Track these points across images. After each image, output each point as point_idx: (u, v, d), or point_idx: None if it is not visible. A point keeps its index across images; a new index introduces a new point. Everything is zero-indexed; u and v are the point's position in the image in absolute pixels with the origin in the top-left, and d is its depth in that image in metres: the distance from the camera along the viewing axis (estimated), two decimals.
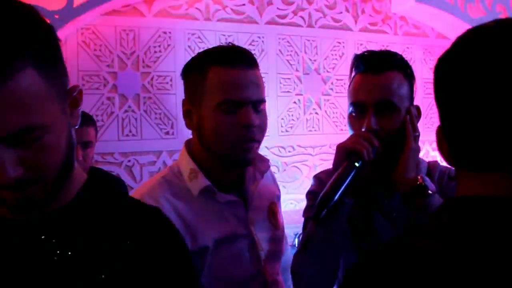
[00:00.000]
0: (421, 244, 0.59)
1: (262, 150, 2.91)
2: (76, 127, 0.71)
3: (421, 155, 1.22)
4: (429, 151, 3.39)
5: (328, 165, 1.17)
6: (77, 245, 0.68)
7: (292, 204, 2.97)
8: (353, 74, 1.18)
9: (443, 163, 1.25)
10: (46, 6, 2.30)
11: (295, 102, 3.01)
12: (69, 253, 0.67)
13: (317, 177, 1.30)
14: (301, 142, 3.04)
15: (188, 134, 2.69)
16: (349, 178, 1.01)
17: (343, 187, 1.01)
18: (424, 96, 3.33)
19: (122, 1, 2.53)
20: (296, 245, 2.63)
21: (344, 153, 1.05)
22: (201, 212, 1.11)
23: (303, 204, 1.29)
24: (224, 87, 1.06)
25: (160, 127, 2.67)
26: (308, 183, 1.35)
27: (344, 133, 3.17)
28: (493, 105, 0.56)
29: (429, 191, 1.05)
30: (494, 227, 0.55)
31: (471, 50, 0.60)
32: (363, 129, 1.10)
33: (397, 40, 3.30)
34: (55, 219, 0.70)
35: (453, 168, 0.65)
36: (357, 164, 1.02)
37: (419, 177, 1.08)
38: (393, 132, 1.10)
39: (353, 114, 1.15)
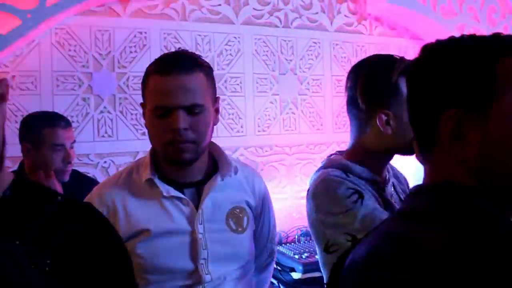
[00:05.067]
0: None
1: (240, 150, 2.92)
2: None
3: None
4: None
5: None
6: (8, 238, 0.67)
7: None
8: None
9: None
10: (18, 5, 2.26)
11: (271, 102, 3.02)
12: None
13: None
14: (278, 141, 3.04)
15: None
16: None
17: None
18: None
19: (96, 1, 2.50)
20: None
21: None
22: (145, 201, 1.24)
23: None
24: (156, 94, 1.19)
25: (136, 127, 2.65)
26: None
27: (320, 132, 3.21)
28: None
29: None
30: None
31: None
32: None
33: (372, 41, 3.34)
34: None
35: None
36: None
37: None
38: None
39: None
